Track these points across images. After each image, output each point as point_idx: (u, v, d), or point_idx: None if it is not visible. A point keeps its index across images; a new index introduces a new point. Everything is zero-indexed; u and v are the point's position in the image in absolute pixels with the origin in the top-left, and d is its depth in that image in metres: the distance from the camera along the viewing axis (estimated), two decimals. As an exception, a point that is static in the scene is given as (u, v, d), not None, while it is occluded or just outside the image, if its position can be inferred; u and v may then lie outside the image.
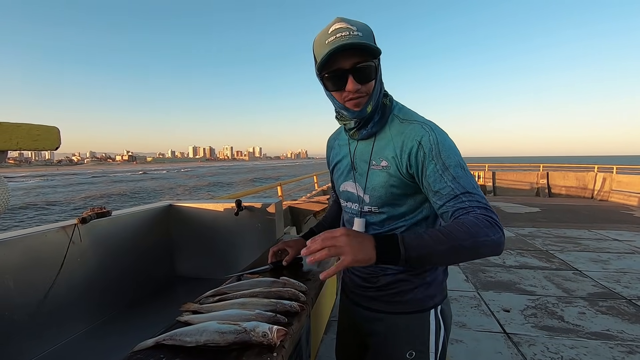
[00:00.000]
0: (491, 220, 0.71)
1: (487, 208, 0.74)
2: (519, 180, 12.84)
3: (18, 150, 0.85)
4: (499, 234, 0.71)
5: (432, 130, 0.81)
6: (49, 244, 1.22)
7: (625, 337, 2.52)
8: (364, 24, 0.79)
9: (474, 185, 0.77)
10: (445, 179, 0.77)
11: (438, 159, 0.78)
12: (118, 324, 1.41)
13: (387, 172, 0.85)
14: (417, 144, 0.80)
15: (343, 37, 0.75)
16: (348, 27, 0.76)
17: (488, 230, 0.70)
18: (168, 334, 0.74)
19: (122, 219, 1.58)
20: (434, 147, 0.78)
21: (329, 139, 1.13)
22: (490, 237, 0.69)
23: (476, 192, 0.76)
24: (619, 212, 8.53)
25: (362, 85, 0.79)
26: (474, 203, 0.74)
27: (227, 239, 1.83)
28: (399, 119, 0.87)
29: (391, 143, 0.85)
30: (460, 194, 0.75)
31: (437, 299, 0.95)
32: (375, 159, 0.88)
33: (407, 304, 0.93)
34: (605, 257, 4.44)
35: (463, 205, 0.74)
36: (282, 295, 0.91)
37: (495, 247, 0.71)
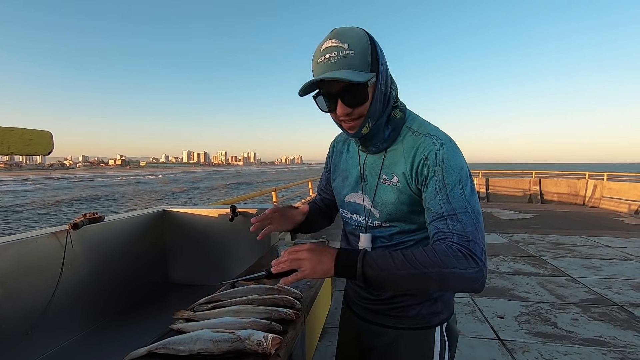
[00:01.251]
0: (466, 252, 0.66)
1: (469, 238, 0.68)
2: (512, 186, 12.96)
3: (10, 155, 0.84)
4: (474, 268, 0.65)
5: (441, 145, 0.76)
6: (39, 250, 1.19)
7: (618, 343, 2.54)
8: (359, 36, 0.73)
9: (467, 209, 0.71)
10: (439, 197, 0.73)
11: (439, 176, 0.74)
12: (110, 332, 1.38)
13: (398, 188, 0.81)
14: (424, 158, 0.76)
15: (331, 58, 0.71)
16: (338, 45, 0.71)
17: (458, 262, 0.65)
18: (161, 343, 0.73)
19: (115, 224, 1.56)
20: (437, 163, 0.75)
21: (337, 140, 1.07)
22: (459, 269, 0.64)
23: (466, 217, 0.70)
24: (610, 218, 8.64)
25: (353, 108, 0.75)
26: (456, 228, 0.69)
27: (221, 245, 1.82)
28: (412, 132, 0.82)
29: (403, 158, 0.81)
30: (447, 215, 0.71)
31: (443, 315, 0.90)
32: (387, 173, 0.84)
33: (411, 319, 0.89)
34: (597, 264, 4.48)
35: (444, 229, 0.70)
36: (277, 303, 0.90)
37: (467, 282, 0.66)
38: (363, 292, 0.96)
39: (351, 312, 1.03)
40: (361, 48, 0.72)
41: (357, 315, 1.00)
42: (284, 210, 1.04)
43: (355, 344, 1.01)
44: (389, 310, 0.91)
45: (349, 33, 0.73)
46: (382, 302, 0.92)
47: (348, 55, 0.71)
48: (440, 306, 0.89)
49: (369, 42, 0.74)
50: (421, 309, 0.88)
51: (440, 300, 0.89)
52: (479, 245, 0.67)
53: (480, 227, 0.71)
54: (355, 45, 0.72)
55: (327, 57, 0.72)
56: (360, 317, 0.99)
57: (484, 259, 0.67)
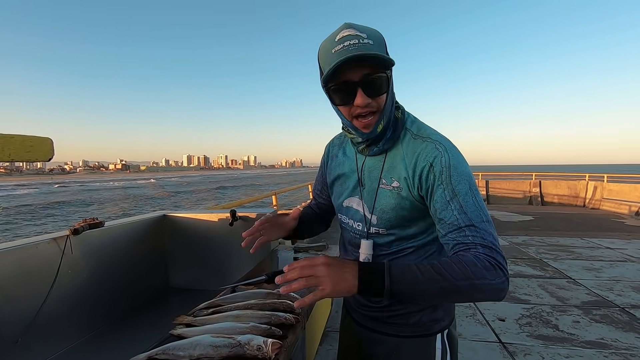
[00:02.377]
0: (494, 262, 0.64)
1: (493, 248, 0.66)
2: (512, 188, 12.96)
3: (10, 161, 0.84)
4: (502, 279, 0.63)
5: (445, 151, 0.74)
6: (40, 255, 1.19)
7: (620, 345, 2.53)
8: (374, 30, 0.72)
9: (482, 218, 0.69)
10: (452, 207, 0.70)
11: (448, 184, 0.71)
12: (110, 337, 1.38)
13: (399, 193, 0.79)
14: (429, 165, 0.73)
15: (352, 45, 0.68)
16: (357, 34, 0.69)
17: (488, 272, 0.62)
18: (161, 348, 0.73)
19: (115, 229, 1.56)
20: (444, 171, 0.72)
21: (332, 144, 1.04)
22: (489, 280, 0.62)
23: (483, 227, 0.68)
24: (610, 220, 8.63)
25: (372, 99, 0.72)
26: (477, 239, 0.66)
27: (221, 249, 1.82)
28: (412, 135, 0.79)
29: (403, 162, 0.78)
30: (464, 226, 0.68)
31: (444, 322, 0.89)
32: (386, 177, 0.81)
33: (412, 327, 0.87)
34: (598, 265, 4.47)
35: (465, 240, 0.67)
36: (276, 308, 0.91)
37: (495, 292, 0.64)
38: (362, 299, 0.95)
39: (351, 318, 1.02)
40: (379, 40, 0.71)
41: (356, 322, 0.98)
42: (274, 219, 1.00)
43: (355, 350, 1.00)
44: (389, 317, 0.90)
45: (364, 26, 0.72)
46: (382, 309, 0.90)
47: (369, 44, 0.68)
48: (441, 313, 0.88)
49: (382, 36, 0.73)
50: (421, 316, 0.87)
51: (441, 307, 0.88)
52: (501, 255, 0.66)
53: (496, 236, 0.69)
54: (373, 36, 0.71)
55: (346, 45, 0.68)
56: (359, 324, 0.97)
57: (507, 268, 0.65)
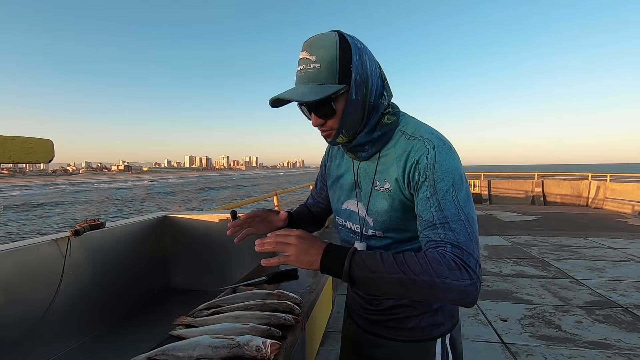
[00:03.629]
0: (459, 262, 0.62)
1: (463, 248, 0.64)
2: (515, 188, 12.92)
3: (11, 163, 0.85)
4: (467, 281, 0.61)
5: (433, 148, 0.73)
6: (40, 257, 1.20)
7: (623, 345, 2.51)
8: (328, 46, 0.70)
9: (460, 216, 0.67)
10: (430, 204, 0.69)
11: (430, 181, 0.70)
12: (111, 338, 1.38)
13: (390, 195, 0.79)
14: (416, 162, 0.73)
15: (300, 72, 0.72)
16: (307, 57, 0.71)
17: (451, 272, 0.61)
18: (160, 349, 0.73)
19: (116, 230, 1.56)
20: (429, 168, 0.71)
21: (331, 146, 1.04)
22: (451, 280, 0.61)
23: (458, 226, 0.66)
24: (614, 219, 8.59)
25: (324, 120, 0.76)
26: (449, 238, 0.65)
27: (222, 250, 1.82)
28: (406, 136, 0.78)
29: (395, 163, 0.78)
30: (439, 224, 0.67)
31: (445, 327, 0.87)
32: (380, 179, 0.81)
33: (410, 331, 0.86)
34: (601, 265, 4.45)
35: (436, 238, 0.67)
36: (276, 308, 0.91)
37: (459, 294, 0.62)
38: (362, 301, 0.95)
39: (352, 321, 1.02)
40: (328, 60, 0.70)
41: (357, 325, 0.98)
42: (265, 214, 1.02)
43: (356, 353, 1.00)
44: (387, 321, 0.89)
45: (320, 43, 0.71)
46: (381, 312, 0.90)
47: (314, 69, 0.70)
48: (442, 317, 0.86)
49: (339, 52, 0.70)
50: (420, 320, 0.86)
51: (441, 311, 0.86)
52: (472, 257, 0.64)
53: (475, 237, 0.67)
54: (322, 57, 0.70)
55: (298, 70, 0.73)
56: (359, 327, 0.97)
57: (477, 272, 0.63)
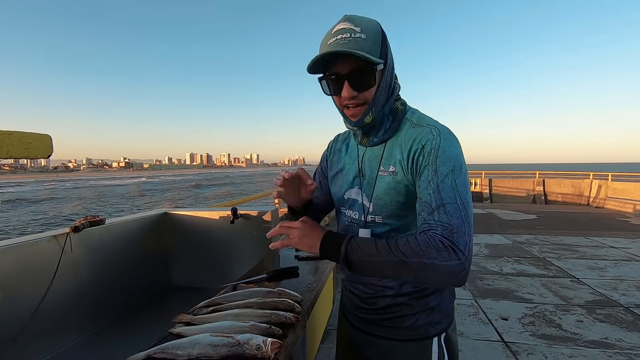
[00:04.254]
0: (447, 243, 0.65)
1: (453, 230, 0.66)
2: (516, 187, 12.89)
3: (9, 159, 0.84)
4: (455, 261, 0.64)
5: (438, 134, 0.75)
6: (40, 253, 1.19)
7: (624, 345, 2.51)
8: (372, 23, 0.74)
9: (456, 200, 0.69)
10: (430, 186, 0.72)
11: (432, 165, 0.73)
12: (111, 335, 1.38)
13: (394, 177, 0.80)
14: (421, 147, 0.75)
15: (343, 39, 0.71)
16: (351, 27, 0.72)
17: (439, 253, 0.64)
18: (159, 347, 0.72)
19: (116, 227, 1.56)
20: (432, 152, 0.74)
21: (336, 140, 1.05)
22: (439, 261, 0.64)
23: (453, 208, 0.68)
24: (615, 219, 8.57)
25: (359, 92, 0.75)
26: (442, 220, 0.68)
27: (222, 247, 1.81)
28: (412, 124, 0.81)
29: (400, 147, 0.80)
30: (435, 206, 0.70)
31: (441, 325, 0.87)
32: (385, 164, 0.83)
33: (407, 330, 0.86)
34: (602, 265, 4.44)
35: (430, 221, 0.69)
36: (277, 306, 0.90)
37: (448, 274, 0.64)
38: (357, 301, 0.94)
39: (346, 321, 1.01)
40: (374, 34, 0.73)
41: (352, 325, 0.97)
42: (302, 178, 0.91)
43: (351, 353, 0.99)
44: (383, 320, 0.89)
45: (363, 19, 0.74)
46: (376, 311, 0.89)
47: (360, 38, 0.71)
48: (438, 316, 0.86)
49: (381, 30, 0.75)
50: (417, 319, 0.85)
51: (437, 309, 0.86)
52: (463, 238, 0.66)
53: (468, 220, 0.69)
54: (368, 30, 0.73)
55: (338, 38, 0.72)
56: (354, 327, 0.96)
57: (466, 253, 0.65)
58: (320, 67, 0.77)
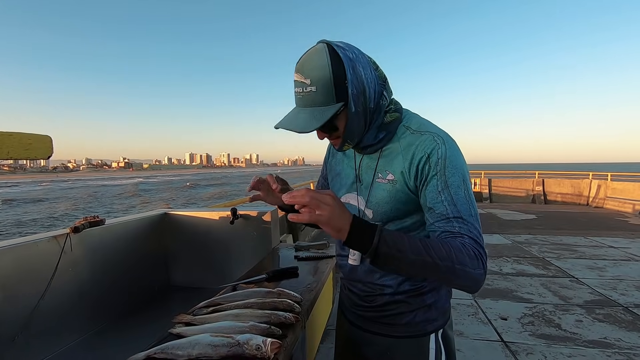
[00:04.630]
0: (477, 253, 0.67)
1: (477, 241, 0.69)
2: (515, 187, 12.91)
3: (9, 160, 0.84)
4: (481, 270, 0.67)
5: (443, 143, 0.75)
6: (40, 254, 1.19)
7: (623, 345, 2.51)
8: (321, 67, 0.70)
9: (471, 212, 0.71)
10: (443, 197, 0.72)
11: (441, 175, 0.73)
12: (111, 335, 1.38)
13: (394, 186, 0.80)
14: (427, 156, 0.75)
15: (298, 93, 0.74)
16: (302, 81, 0.72)
17: (470, 261, 0.66)
18: (159, 347, 0.73)
19: (116, 227, 1.56)
20: (440, 162, 0.74)
21: None
22: (469, 268, 0.65)
23: (471, 220, 0.71)
24: (614, 218, 8.58)
25: (328, 134, 0.79)
26: (464, 230, 0.69)
27: (222, 247, 1.81)
28: (410, 130, 0.80)
29: (400, 155, 0.79)
30: (452, 217, 0.71)
31: (438, 322, 0.88)
32: (382, 171, 0.83)
33: (404, 327, 0.87)
34: (602, 264, 4.45)
35: (452, 230, 0.70)
36: (276, 306, 0.90)
37: (473, 282, 0.67)
38: (356, 298, 0.94)
39: (345, 318, 1.01)
40: (323, 82, 0.71)
41: (350, 322, 0.98)
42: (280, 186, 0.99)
43: (349, 350, 0.99)
44: (381, 317, 0.89)
45: (311, 64, 0.71)
46: (374, 309, 0.90)
47: (311, 92, 0.72)
48: (435, 313, 0.88)
49: (331, 70, 0.70)
50: (414, 316, 0.86)
51: (434, 307, 0.87)
52: (484, 250, 0.69)
53: (481, 232, 0.72)
54: (317, 79, 0.71)
55: (296, 92, 0.75)
56: (353, 324, 0.97)
57: (486, 263, 0.68)
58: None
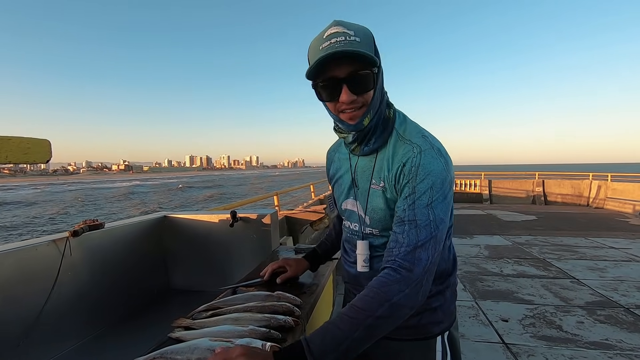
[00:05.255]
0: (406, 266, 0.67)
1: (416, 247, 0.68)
2: (515, 188, 12.90)
3: (8, 164, 0.84)
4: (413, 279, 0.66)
5: (419, 152, 0.75)
6: (39, 257, 1.19)
7: (624, 346, 2.50)
8: (363, 28, 0.73)
9: (429, 217, 0.70)
10: (406, 202, 0.72)
11: (412, 182, 0.73)
12: (110, 339, 1.38)
13: (384, 193, 0.80)
14: (402, 165, 0.75)
15: (338, 42, 0.68)
16: (345, 31, 0.69)
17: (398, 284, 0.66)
18: (159, 352, 0.72)
19: (115, 231, 1.56)
20: (412, 170, 0.73)
21: (329, 151, 1.07)
22: (404, 292, 0.65)
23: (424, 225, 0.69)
24: (615, 219, 8.57)
25: (357, 96, 0.73)
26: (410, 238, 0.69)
27: (222, 250, 1.81)
28: (399, 137, 0.80)
29: (387, 162, 0.80)
30: (407, 221, 0.71)
31: (444, 324, 0.88)
32: (376, 177, 0.82)
33: (411, 329, 0.86)
34: (602, 265, 4.44)
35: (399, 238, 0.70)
36: (276, 310, 0.90)
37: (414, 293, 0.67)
38: None
39: None
40: (367, 38, 0.72)
41: None
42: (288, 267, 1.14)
43: None
44: None
45: (353, 24, 0.73)
46: None
47: (355, 41, 0.69)
48: (441, 315, 0.87)
49: (371, 34, 0.74)
50: (420, 319, 0.85)
51: (440, 309, 0.87)
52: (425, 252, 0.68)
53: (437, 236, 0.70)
54: (361, 33, 0.71)
55: (332, 42, 0.69)
56: None
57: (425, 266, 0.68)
58: (313, 72, 0.74)
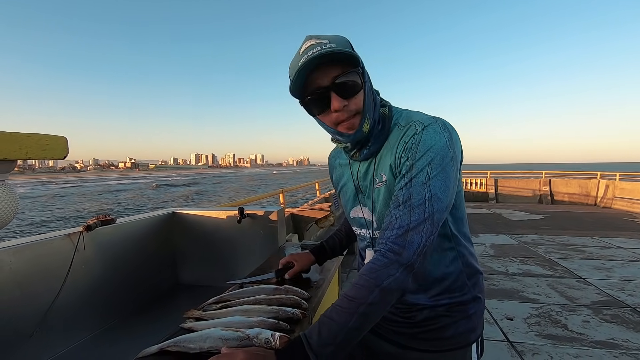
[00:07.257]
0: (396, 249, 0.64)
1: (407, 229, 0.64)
2: (522, 187, 12.81)
3: (27, 159, 0.87)
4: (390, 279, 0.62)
5: (422, 129, 0.70)
6: (54, 251, 1.23)
7: (630, 345, 2.49)
8: (337, 36, 0.71)
9: (424, 196, 0.66)
10: (403, 179, 0.69)
11: (412, 159, 0.69)
12: (122, 331, 1.42)
13: (386, 186, 0.77)
14: (405, 144, 0.72)
15: (314, 52, 0.66)
16: (319, 41, 0.68)
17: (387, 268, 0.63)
18: (172, 341, 0.75)
19: (126, 226, 1.59)
20: (412, 147, 0.70)
21: (330, 156, 1.03)
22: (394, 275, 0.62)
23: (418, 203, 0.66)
24: (623, 219, 8.48)
25: (348, 100, 0.70)
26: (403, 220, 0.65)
27: (229, 246, 1.84)
28: (399, 126, 0.77)
29: (390, 152, 0.76)
30: (402, 201, 0.67)
31: (478, 331, 0.84)
32: (378, 176, 0.79)
33: (449, 340, 0.81)
34: (609, 265, 4.41)
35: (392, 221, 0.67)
36: (284, 303, 0.92)
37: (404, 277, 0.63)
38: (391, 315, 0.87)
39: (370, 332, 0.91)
40: (343, 43, 0.70)
41: (383, 339, 0.90)
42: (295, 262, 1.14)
43: None
44: (422, 332, 0.83)
45: (326, 35, 0.71)
46: (414, 325, 0.83)
47: (332, 48, 0.67)
48: (475, 322, 0.83)
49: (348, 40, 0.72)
50: (457, 327, 0.81)
51: (475, 316, 0.83)
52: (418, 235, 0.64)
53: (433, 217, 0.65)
54: (336, 40, 0.70)
55: (309, 54, 0.67)
56: (386, 340, 0.89)
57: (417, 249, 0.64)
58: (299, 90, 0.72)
